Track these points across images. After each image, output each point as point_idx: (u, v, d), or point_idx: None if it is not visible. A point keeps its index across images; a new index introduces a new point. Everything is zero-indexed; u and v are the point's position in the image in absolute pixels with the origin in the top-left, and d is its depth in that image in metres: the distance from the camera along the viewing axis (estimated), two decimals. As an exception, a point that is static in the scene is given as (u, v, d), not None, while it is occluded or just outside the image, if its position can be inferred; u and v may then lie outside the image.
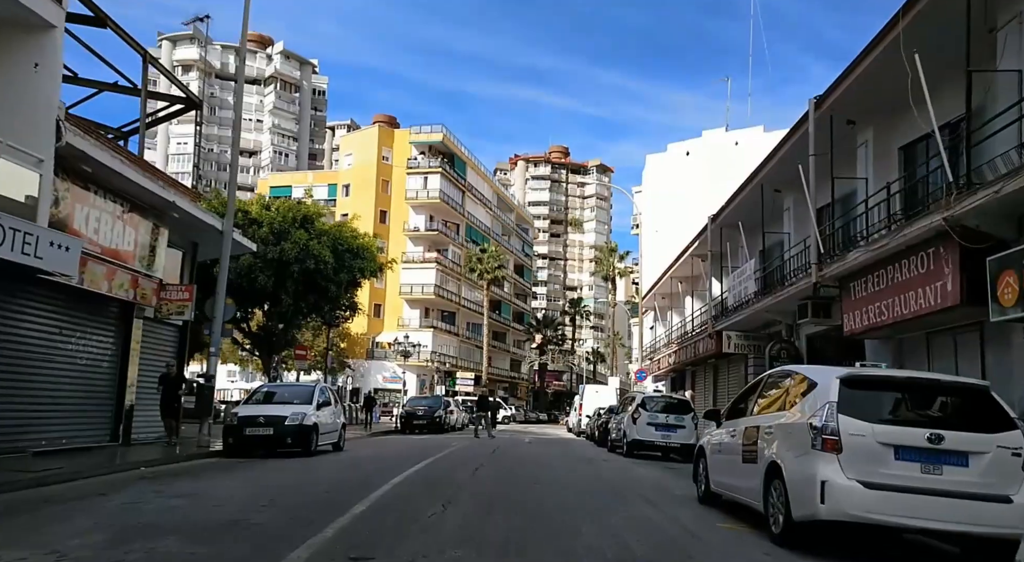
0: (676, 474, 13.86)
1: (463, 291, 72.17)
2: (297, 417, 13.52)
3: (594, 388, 36.89)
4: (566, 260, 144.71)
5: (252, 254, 25.38)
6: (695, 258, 26.83)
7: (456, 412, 36.09)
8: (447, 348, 68.39)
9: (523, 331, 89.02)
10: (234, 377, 69.33)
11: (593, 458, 17.29)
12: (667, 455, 18.17)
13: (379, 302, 67.22)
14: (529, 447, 22.27)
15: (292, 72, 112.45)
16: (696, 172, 41.50)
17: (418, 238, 68.07)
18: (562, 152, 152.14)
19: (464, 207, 72.77)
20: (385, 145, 69.40)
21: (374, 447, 19.47)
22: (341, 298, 27.16)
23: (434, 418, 30.64)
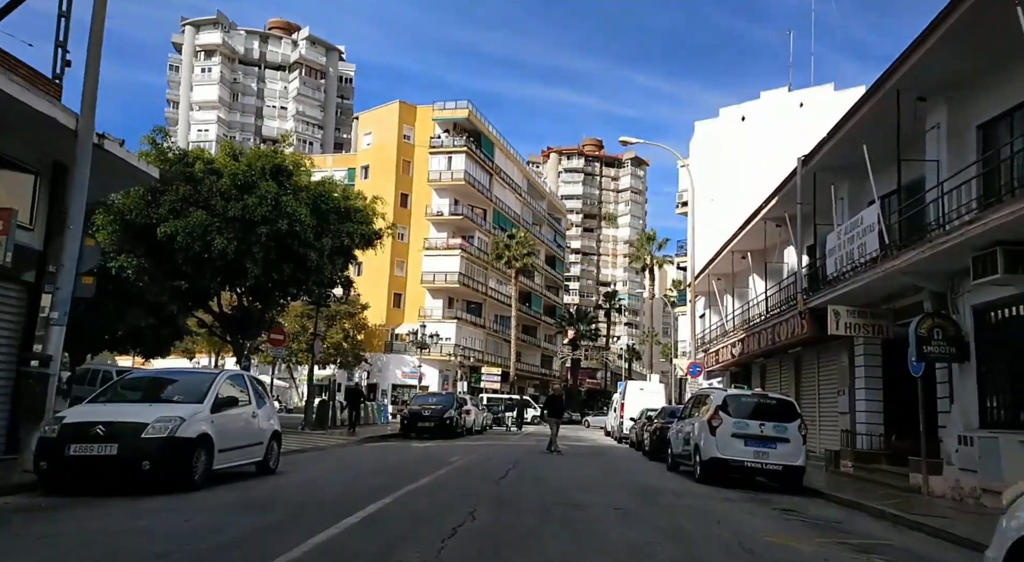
0: (808, 527, 8.27)
1: (490, 281, 66.80)
2: (165, 426, 8.08)
3: (638, 385, 31.11)
4: (599, 255, 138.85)
5: (209, 212, 20.28)
6: (767, 223, 21.00)
7: (474, 412, 30.66)
8: (472, 341, 63.09)
9: (554, 325, 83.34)
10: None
11: (655, 487, 11.67)
12: (747, 475, 12.49)
13: (399, 291, 62.23)
14: (560, 463, 16.77)
15: (318, 58, 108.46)
16: (754, 138, 35.60)
17: (441, 223, 62.87)
18: (596, 145, 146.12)
19: (491, 191, 67.36)
20: (406, 123, 64.35)
21: (337, 464, 14.11)
22: (324, 269, 21.82)
23: (443, 420, 25.24)
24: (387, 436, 24.82)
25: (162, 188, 20.15)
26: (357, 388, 24.60)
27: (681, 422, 15.02)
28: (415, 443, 22.02)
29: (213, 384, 9.47)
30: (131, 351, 35.66)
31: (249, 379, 10.72)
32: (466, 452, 18.18)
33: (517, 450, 20.55)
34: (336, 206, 22.59)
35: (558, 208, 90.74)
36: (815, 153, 16.07)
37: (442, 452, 17.91)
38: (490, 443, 23.56)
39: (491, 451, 19.42)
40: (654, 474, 14.44)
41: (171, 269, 21.45)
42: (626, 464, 17.02)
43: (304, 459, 14.70)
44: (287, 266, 21.41)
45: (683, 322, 43.53)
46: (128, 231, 20.66)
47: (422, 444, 21.54)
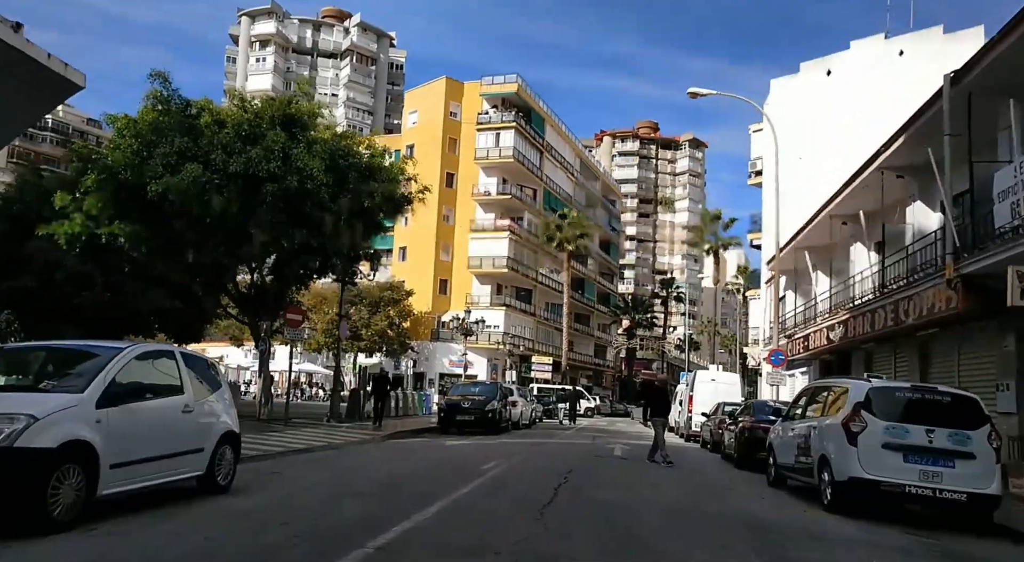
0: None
1: (540, 266, 63.19)
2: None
3: (709, 375, 27.10)
4: (655, 242, 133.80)
5: (208, 167, 17.24)
6: (885, 175, 16.84)
7: (521, 404, 27.22)
8: (522, 329, 59.68)
9: (609, 314, 79.26)
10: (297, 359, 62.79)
11: (772, 524, 7.92)
12: (900, 501, 8.62)
13: (445, 277, 59.20)
14: (621, 469, 13.20)
15: (369, 45, 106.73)
16: (843, 93, 31.11)
17: (489, 203, 59.49)
18: (651, 127, 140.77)
19: (542, 169, 63.62)
20: (453, 100, 61.06)
21: (331, 474, 10.78)
22: (342, 235, 18.57)
23: (485, 412, 21.85)
24: (421, 430, 21.59)
25: (156, 140, 17.21)
26: (383, 375, 21.40)
27: (788, 423, 11.23)
28: (450, 440, 18.69)
29: (108, 365, 6.19)
30: (155, 335, 33.40)
31: (185, 358, 7.42)
32: (506, 454, 14.73)
33: (570, 452, 17.00)
34: (357, 163, 19.35)
35: (613, 189, 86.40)
36: (973, 66, 11.96)
37: (477, 454, 14.50)
38: (538, 441, 20.09)
39: (538, 454, 15.91)
40: (755, 494, 10.69)
41: (169, 237, 18.55)
42: (712, 476, 13.26)
43: (296, 464, 11.47)
44: (298, 232, 18.26)
45: (755, 307, 39.22)
46: (121, 192, 17.82)
47: (458, 441, 18.19)
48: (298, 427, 18.72)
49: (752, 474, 13.50)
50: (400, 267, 60.26)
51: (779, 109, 33.79)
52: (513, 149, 58.35)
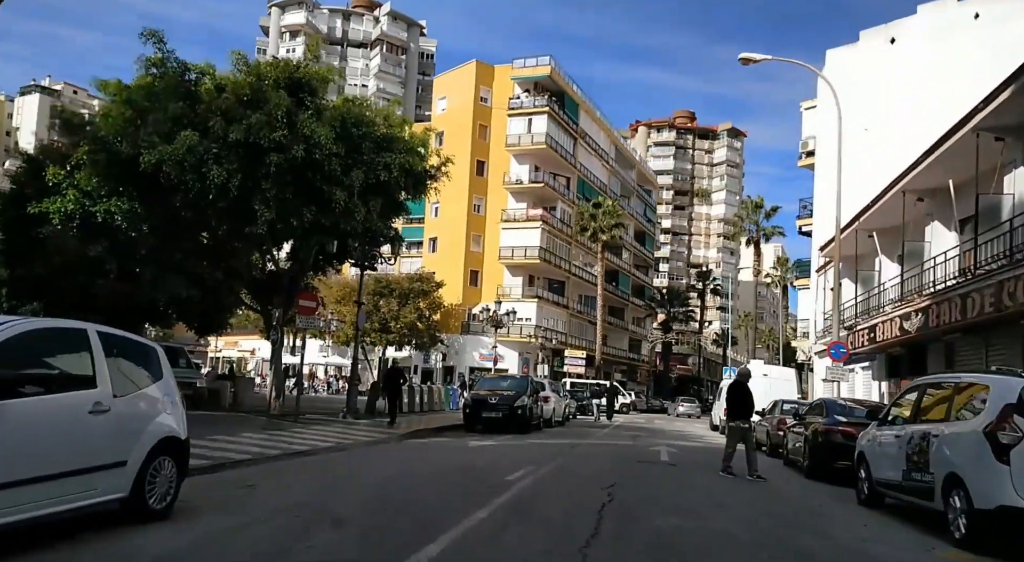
0: None
1: (574, 257, 61.00)
2: None
3: (760, 369, 24.71)
4: (691, 235, 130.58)
5: (206, 136, 15.51)
6: (982, 138, 14.39)
7: (554, 400, 25.18)
8: (554, 322, 57.58)
9: (643, 307, 76.72)
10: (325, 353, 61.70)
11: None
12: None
13: (476, 268, 57.32)
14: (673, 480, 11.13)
15: (399, 33, 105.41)
16: (910, 62, 28.40)
17: (521, 192, 57.41)
18: (688, 116, 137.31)
19: (576, 157, 61.33)
20: (483, 84, 59.05)
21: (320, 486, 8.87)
22: (355, 212, 16.66)
23: (514, 409, 19.85)
24: (444, 428, 19.68)
25: (150, 107, 15.51)
26: (395, 368, 19.51)
27: (888, 429, 9.02)
28: (474, 440, 16.73)
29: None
30: (172, 326, 32.10)
31: (105, 339, 5.53)
32: (537, 459, 12.71)
33: (610, 456, 14.92)
34: (371, 133, 17.45)
35: (649, 179, 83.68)
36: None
37: (502, 459, 12.52)
38: (573, 443, 18.03)
39: (573, 459, 13.85)
40: (853, 520, 8.49)
41: (169, 215, 16.88)
42: (785, 491, 11.02)
43: (288, 471, 9.63)
44: (308, 210, 16.42)
45: (804, 298, 36.60)
46: (114, 165, 16.19)
47: (482, 441, 16.23)
48: (309, 424, 16.96)
49: (832, 488, 11.29)
50: (430, 258, 58.61)
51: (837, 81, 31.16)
52: (546, 135, 56.19)
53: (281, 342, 19.65)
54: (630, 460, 14.08)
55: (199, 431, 13.10)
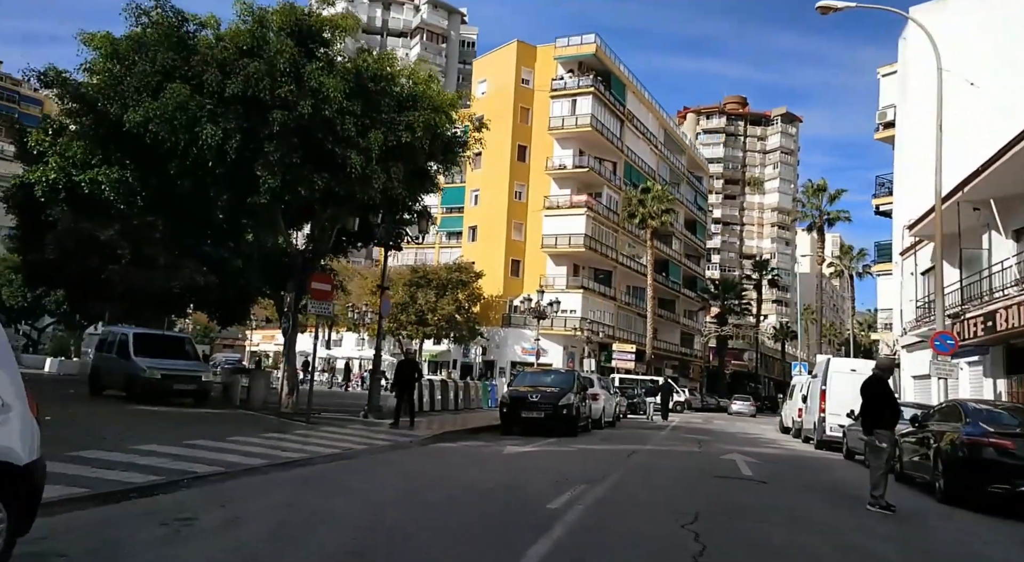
0: None
1: (621, 245, 58.00)
2: None
3: (847, 364, 21.50)
4: (742, 225, 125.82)
5: (200, 91, 13.30)
6: None
7: (603, 398, 22.53)
8: (601, 315, 54.75)
9: (696, 299, 73.20)
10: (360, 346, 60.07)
11: None
12: None
13: (517, 257, 54.81)
14: (772, 508, 8.43)
15: (439, 21, 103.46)
16: (1017, 14, 24.88)
17: (564, 178, 54.66)
18: (739, 102, 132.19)
19: (623, 140, 58.27)
20: (525, 65, 56.40)
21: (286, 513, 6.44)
22: (373, 180, 14.26)
23: (558, 408, 17.28)
24: (478, 430, 17.25)
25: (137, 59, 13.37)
26: (409, 359, 16.81)
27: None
28: (512, 444, 14.22)
29: None
30: (185, 315, 30.48)
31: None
32: (587, 475, 10.12)
33: (679, 469, 12.24)
34: (391, 89, 15.03)
35: (699, 164, 79.93)
36: None
37: (541, 477, 9.97)
38: (629, 449, 15.36)
39: (634, 474, 11.21)
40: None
41: (163, 185, 14.78)
42: (931, 526, 8.25)
43: (255, 491, 7.27)
44: (318, 177, 14.10)
45: (884, 286, 33.08)
46: (101, 128, 14.13)
47: (521, 447, 13.70)
48: (320, 425, 14.70)
49: (990, 521, 8.45)
50: (469, 248, 56.37)
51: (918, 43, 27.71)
52: (591, 117, 53.28)
53: (294, 331, 17.43)
54: (705, 475, 11.39)
55: (181, 433, 10.98)
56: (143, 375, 16.56)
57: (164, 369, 16.77)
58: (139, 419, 13.22)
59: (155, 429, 11.63)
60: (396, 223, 18.71)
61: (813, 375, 22.60)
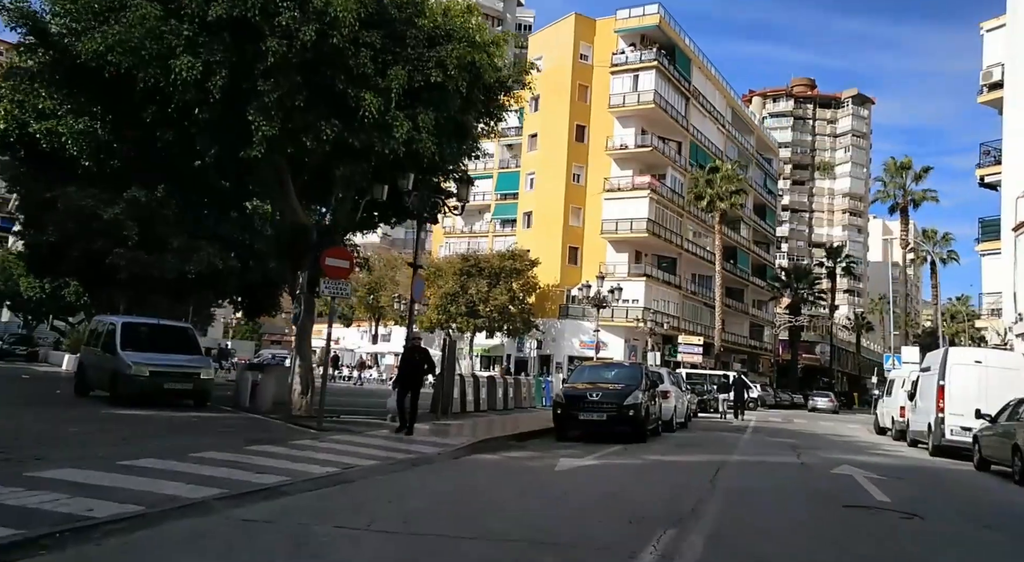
0: None
1: (686, 231, 54.31)
2: None
3: (970, 354, 17.75)
4: (811, 212, 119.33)
5: (175, 17, 10.81)
6: None
7: (674, 395, 19.45)
8: (665, 304, 51.25)
9: (765, 288, 68.69)
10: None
11: None
12: None
13: (575, 244, 51.75)
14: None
15: (495, 4, 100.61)
16: None
17: (625, 158, 51.28)
18: (807, 84, 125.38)
19: (688, 118, 54.47)
20: (583, 40, 53.18)
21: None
22: (394, 128, 11.54)
23: (624, 409, 14.32)
24: (527, 435, 14.47)
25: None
26: (415, 346, 13.35)
27: None
28: (565, 454, 11.35)
29: None
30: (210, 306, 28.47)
31: None
32: (670, 513, 7.11)
33: (789, 493, 9.16)
34: (415, 18, 12.26)
35: (769, 146, 75.10)
36: None
37: (603, 514, 7.08)
38: (714, 461, 12.29)
39: (734, 505, 8.13)
40: None
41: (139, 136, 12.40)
42: None
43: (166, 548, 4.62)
44: (327, 125, 11.47)
45: (991, 266, 28.86)
46: (62, 66, 11.81)
47: (576, 460, 10.81)
48: (334, 432, 12.11)
49: None
50: (524, 235, 53.55)
51: None
52: (654, 93, 49.72)
53: (308, 317, 14.89)
54: (828, 503, 8.29)
55: (124, 450, 8.23)
56: (127, 373, 14.10)
57: (153, 365, 14.26)
58: (92, 427, 10.76)
59: (96, 442, 9.22)
60: (430, 191, 16.01)
61: (924, 368, 18.98)
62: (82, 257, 20.27)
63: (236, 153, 11.75)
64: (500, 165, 61.61)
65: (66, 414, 12.26)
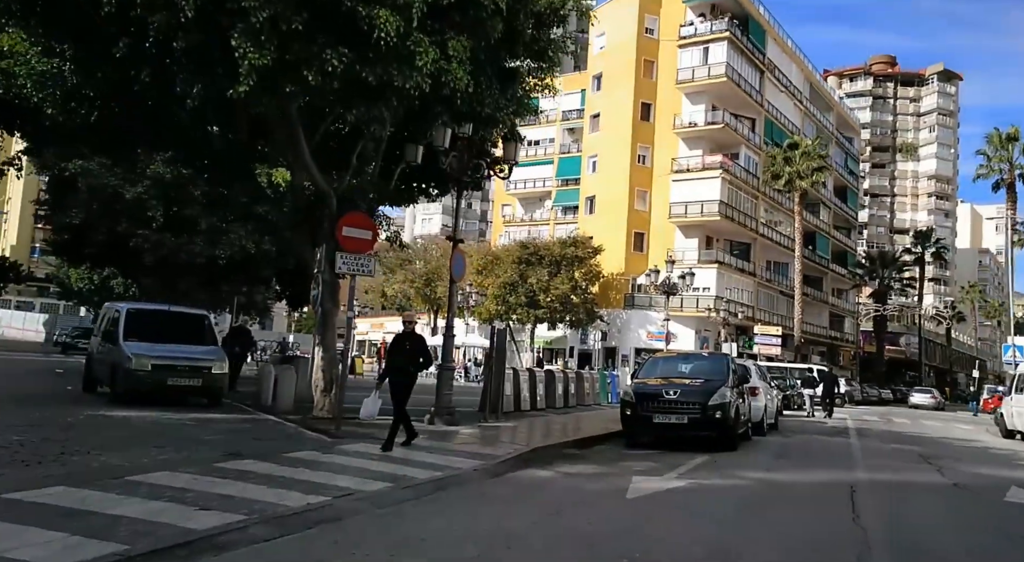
0: None
1: (760, 214, 50.46)
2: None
3: None
4: (893, 196, 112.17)
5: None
6: None
7: (763, 392, 16.49)
8: (738, 293, 47.64)
9: (846, 276, 63.88)
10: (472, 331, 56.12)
11: None
12: None
13: (641, 230, 48.57)
14: None
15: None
16: None
17: (695, 137, 47.81)
18: (888, 62, 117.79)
19: (762, 93, 50.50)
20: (649, 12, 49.85)
21: None
22: (417, 57, 9.06)
23: (709, 411, 11.58)
24: (589, 441, 11.90)
25: None
26: (407, 332, 9.71)
27: None
28: (639, 474, 8.71)
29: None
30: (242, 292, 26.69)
31: None
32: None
33: (994, 550, 6.31)
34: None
35: (850, 124, 69.88)
36: None
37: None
38: (838, 481, 9.40)
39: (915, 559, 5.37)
40: None
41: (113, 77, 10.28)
42: None
43: None
44: (332, 53, 9.08)
45: None
46: None
47: (652, 482, 8.16)
48: (351, 439, 9.76)
49: None
50: (587, 221, 50.65)
51: None
52: (726, 66, 46.08)
53: (331, 298, 12.59)
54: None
55: (64, 468, 6.16)
56: (127, 366, 12.21)
57: (157, 357, 12.32)
58: (42, 434, 8.62)
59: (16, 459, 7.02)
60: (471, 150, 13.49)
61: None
62: (106, 241, 18.87)
63: (223, 93, 9.46)
64: (561, 150, 58.90)
65: (37, 415, 10.29)
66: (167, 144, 12.52)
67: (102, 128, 12.07)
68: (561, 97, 60.01)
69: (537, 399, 17.37)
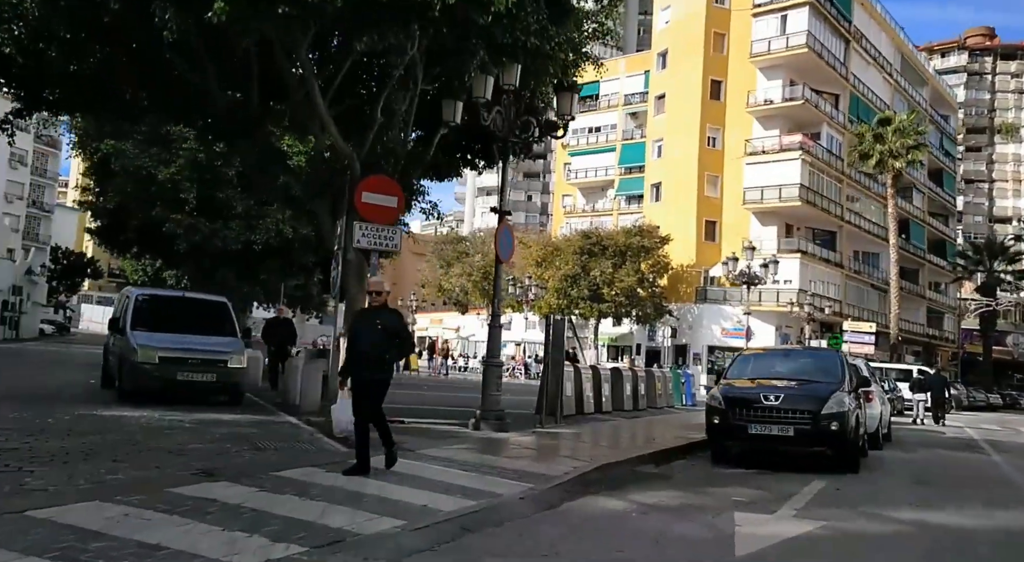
0: None
1: (846, 199, 46.11)
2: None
3: None
4: (991, 182, 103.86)
5: None
6: None
7: (878, 398, 13.32)
8: (823, 286, 43.53)
9: (944, 268, 58.36)
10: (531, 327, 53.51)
11: None
12: None
13: (712, 218, 44.93)
14: None
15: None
16: None
17: (771, 115, 43.90)
18: (985, 34, 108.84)
19: (847, 66, 46.13)
20: (719, -19, 46.23)
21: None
22: None
23: (821, 421, 8.66)
24: (666, 454, 9.13)
25: None
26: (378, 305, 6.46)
27: None
28: (740, 504, 5.93)
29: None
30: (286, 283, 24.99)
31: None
32: None
33: None
34: None
35: (947, 100, 64.10)
36: None
37: None
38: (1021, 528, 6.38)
39: None
40: None
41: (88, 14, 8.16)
42: None
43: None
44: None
45: None
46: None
47: (761, 521, 5.37)
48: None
49: None
50: (653, 210, 47.32)
51: None
52: (807, 35, 42.07)
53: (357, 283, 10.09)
54: None
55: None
56: (132, 359, 10.57)
57: (165, 348, 10.57)
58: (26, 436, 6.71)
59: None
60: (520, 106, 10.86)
61: None
62: (141, 226, 17.77)
63: (200, 19, 7.13)
64: (623, 137, 55.71)
65: (24, 414, 8.50)
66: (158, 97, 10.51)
67: (83, 77, 10.18)
68: (623, 79, 56.93)
69: (603, 400, 14.81)
